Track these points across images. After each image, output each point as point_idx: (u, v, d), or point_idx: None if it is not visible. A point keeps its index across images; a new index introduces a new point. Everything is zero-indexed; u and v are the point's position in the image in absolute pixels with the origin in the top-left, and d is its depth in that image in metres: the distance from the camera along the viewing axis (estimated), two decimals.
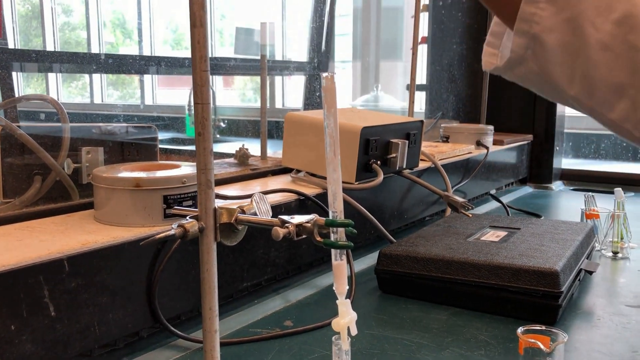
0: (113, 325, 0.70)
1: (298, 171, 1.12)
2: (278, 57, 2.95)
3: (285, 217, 0.50)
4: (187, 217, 0.50)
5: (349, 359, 0.50)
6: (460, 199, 1.15)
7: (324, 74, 0.45)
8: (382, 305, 0.91)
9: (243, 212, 0.53)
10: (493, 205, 1.65)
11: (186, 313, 0.81)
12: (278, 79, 3.42)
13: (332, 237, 0.47)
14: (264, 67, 1.22)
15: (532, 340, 0.67)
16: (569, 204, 1.76)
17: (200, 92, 0.49)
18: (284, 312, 0.88)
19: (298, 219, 0.49)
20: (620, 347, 0.76)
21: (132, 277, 0.71)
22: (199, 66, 0.49)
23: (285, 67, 2.44)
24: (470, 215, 1.13)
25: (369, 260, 1.11)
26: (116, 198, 0.75)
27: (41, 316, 0.62)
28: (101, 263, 0.67)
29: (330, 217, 0.47)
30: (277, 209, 0.94)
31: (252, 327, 0.82)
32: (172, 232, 0.48)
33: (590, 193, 1.27)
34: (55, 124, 0.85)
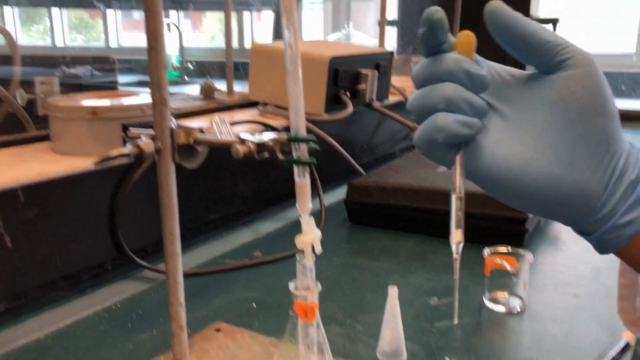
0: (75, 257, 0.68)
1: (265, 104, 1.09)
2: None
3: (246, 135, 0.48)
4: (143, 137, 0.48)
5: (314, 276, 0.49)
6: None
7: None
8: (352, 235, 0.91)
9: (202, 133, 0.51)
10: None
11: (152, 245, 0.80)
12: (247, 19, 3.32)
13: (295, 155, 0.46)
14: (228, 1, 1.17)
15: (499, 261, 0.67)
16: None
17: (152, 4, 0.46)
18: (253, 244, 0.87)
19: (259, 137, 0.47)
20: (584, 268, 0.77)
21: (92, 208, 0.69)
22: None
23: (251, 2, 2.36)
24: None
25: (339, 193, 1.10)
26: (73, 127, 0.71)
27: None
28: (59, 193, 0.65)
29: (292, 134, 0.45)
30: None
31: (221, 258, 0.82)
32: (127, 151, 0.46)
33: None
34: (4, 52, 0.81)
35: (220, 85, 1.21)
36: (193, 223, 0.85)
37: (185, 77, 3.29)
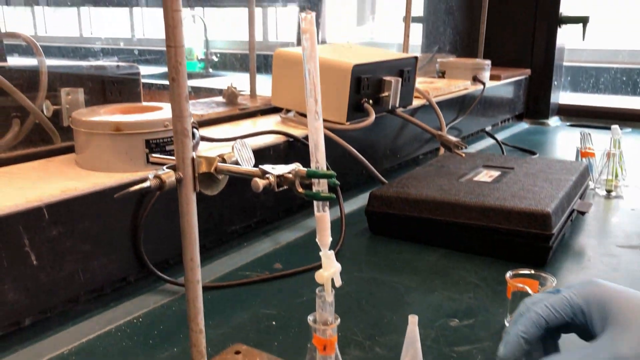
0: (98, 272, 0.69)
1: (288, 111, 1.09)
2: None
3: (266, 167, 0.48)
4: (164, 167, 0.48)
5: (333, 310, 0.49)
6: (454, 139, 1.12)
7: (303, 14, 0.42)
8: (372, 247, 0.91)
9: (223, 160, 0.51)
10: (488, 142, 1.63)
11: (174, 257, 0.80)
12: (272, 12, 3.31)
13: (315, 188, 0.45)
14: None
15: (520, 285, 0.66)
16: (564, 141, 1.74)
17: (173, 34, 0.46)
18: (273, 254, 0.88)
19: (279, 169, 0.47)
20: None
21: (115, 224, 0.70)
22: (171, 6, 0.46)
23: None
24: (464, 155, 1.11)
25: (360, 201, 1.10)
26: (96, 143, 0.72)
27: (22, 265, 0.61)
28: (82, 210, 0.66)
29: (312, 168, 0.45)
30: (265, 151, 0.91)
31: (242, 269, 0.82)
32: (148, 183, 0.46)
33: (586, 130, 1.25)
34: (31, 64, 0.82)
35: (244, 78, 1.22)
36: (214, 234, 0.86)
37: (210, 69, 3.30)
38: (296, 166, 0.47)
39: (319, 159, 0.45)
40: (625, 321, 0.46)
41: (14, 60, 0.89)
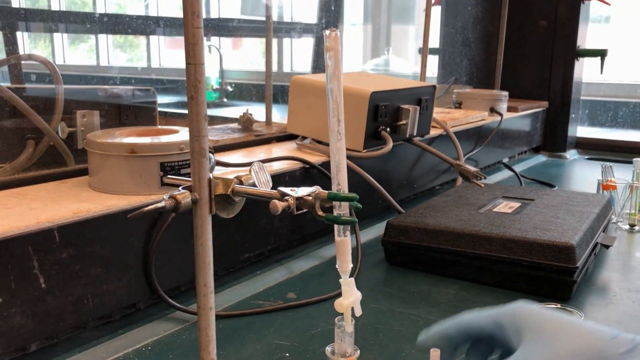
0: (108, 297, 0.67)
1: (304, 138, 1.08)
2: (287, 19, 2.87)
3: (285, 190, 0.46)
4: (180, 188, 0.47)
5: (353, 341, 0.46)
6: (472, 168, 1.10)
7: (327, 32, 0.40)
8: (389, 278, 0.88)
9: (241, 182, 0.49)
10: (506, 174, 1.61)
11: (186, 284, 0.78)
12: (287, 42, 3.33)
13: (335, 212, 0.43)
14: (269, 29, 1.16)
15: None
16: (583, 174, 1.71)
17: (193, 51, 0.45)
18: (287, 283, 0.85)
19: (299, 191, 0.45)
20: (637, 326, 0.72)
21: (127, 248, 0.68)
22: (191, 23, 0.45)
23: (292, 29, 2.36)
24: (482, 185, 1.09)
25: (376, 230, 1.08)
26: (110, 165, 0.71)
27: (31, 288, 0.59)
28: (94, 233, 0.64)
29: (334, 191, 0.43)
30: (280, 177, 0.90)
31: (254, 298, 0.80)
32: (162, 204, 0.45)
33: (607, 163, 1.22)
34: (48, 86, 0.81)
35: (259, 109, 1.21)
36: (227, 261, 0.84)
37: (225, 99, 3.32)
38: (316, 188, 0.45)
39: (341, 181, 0.43)
40: (538, 336, 0.46)
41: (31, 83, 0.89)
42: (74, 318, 0.64)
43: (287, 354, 0.65)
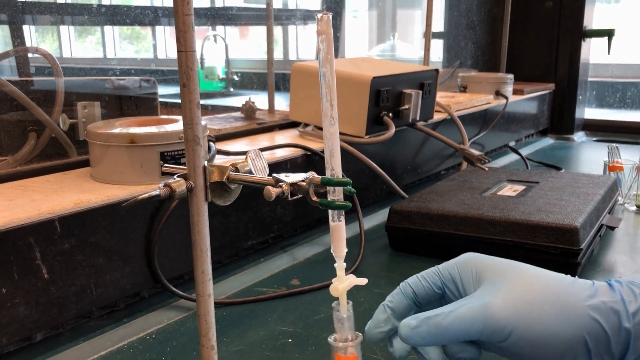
0: (111, 287, 0.67)
1: (306, 125, 1.08)
2: (292, 6, 2.85)
3: (279, 176, 0.46)
4: (175, 176, 0.47)
5: (352, 324, 0.47)
6: (476, 152, 1.10)
7: (319, 15, 0.40)
8: (393, 263, 0.88)
9: (236, 169, 0.49)
10: (512, 157, 1.60)
11: (189, 272, 0.79)
12: (292, 30, 3.32)
13: (329, 197, 0.43)
14: (270, 16, 1.16)
15: None
16: (591, 156, 1.70)
17: (184, 39, 0.45)
18: (290, 270, 0.86)
19: (293, 177, 0.45)
20: None
21: (129, 237, 0.69)
22: (182, 10, 0.44)
23: (293, 15, 2.34)
24: (487, 169, 1.08)
25: (380, 216, 1.07)
26: (111, 155, 0.71)
27: (34, 278, 0.60)
28: (95, 223, 0.65)
29: (328, 176, 0.43)
30: (282, 165, 0.90)
31: (258, 285, 0.80)
32: (157, 192, 0.45)
33: (614, 144, 1.21)
34: (49, 78, 0.82)
35: (264, 98, 1.21)
36: (231, 249, 0.84)
37: (231, 88, 3.32)
38: (310, 174, 0.45)
39: (335, 166, 0.43)
40: (498, 277, 0.46)
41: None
42: (78, 308, 0.64)
43: (290, 340, 0.65)
